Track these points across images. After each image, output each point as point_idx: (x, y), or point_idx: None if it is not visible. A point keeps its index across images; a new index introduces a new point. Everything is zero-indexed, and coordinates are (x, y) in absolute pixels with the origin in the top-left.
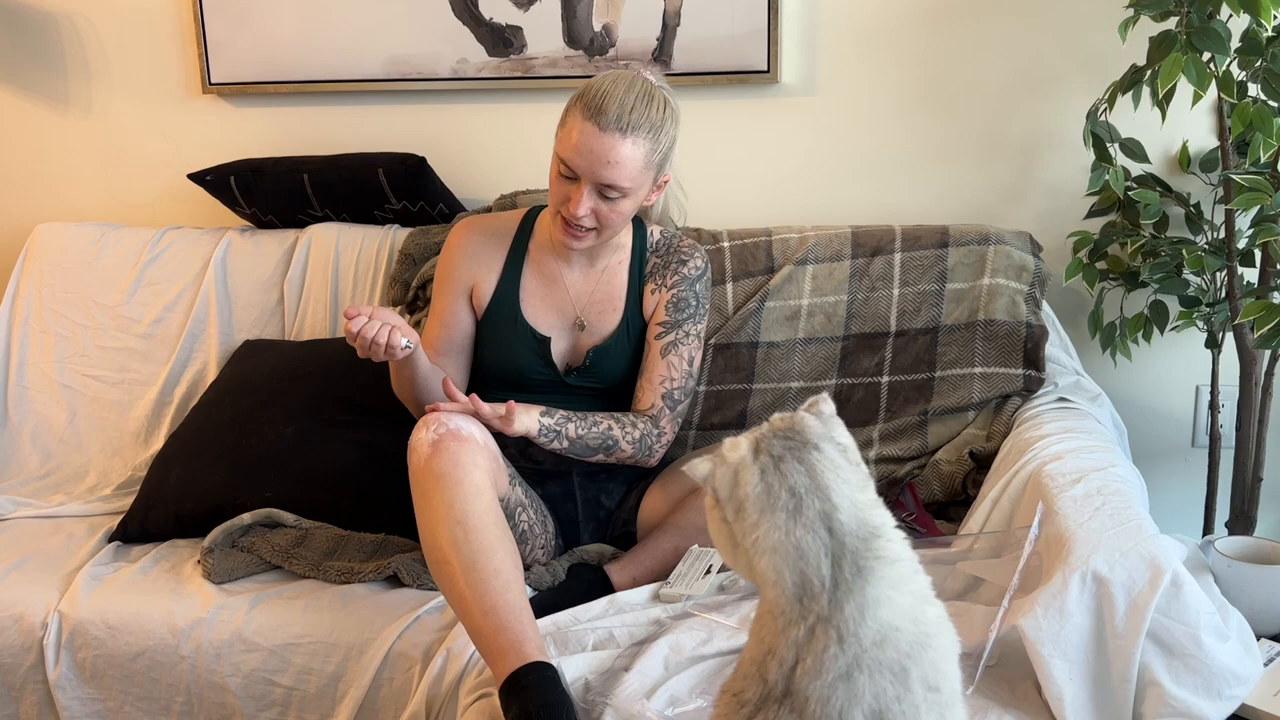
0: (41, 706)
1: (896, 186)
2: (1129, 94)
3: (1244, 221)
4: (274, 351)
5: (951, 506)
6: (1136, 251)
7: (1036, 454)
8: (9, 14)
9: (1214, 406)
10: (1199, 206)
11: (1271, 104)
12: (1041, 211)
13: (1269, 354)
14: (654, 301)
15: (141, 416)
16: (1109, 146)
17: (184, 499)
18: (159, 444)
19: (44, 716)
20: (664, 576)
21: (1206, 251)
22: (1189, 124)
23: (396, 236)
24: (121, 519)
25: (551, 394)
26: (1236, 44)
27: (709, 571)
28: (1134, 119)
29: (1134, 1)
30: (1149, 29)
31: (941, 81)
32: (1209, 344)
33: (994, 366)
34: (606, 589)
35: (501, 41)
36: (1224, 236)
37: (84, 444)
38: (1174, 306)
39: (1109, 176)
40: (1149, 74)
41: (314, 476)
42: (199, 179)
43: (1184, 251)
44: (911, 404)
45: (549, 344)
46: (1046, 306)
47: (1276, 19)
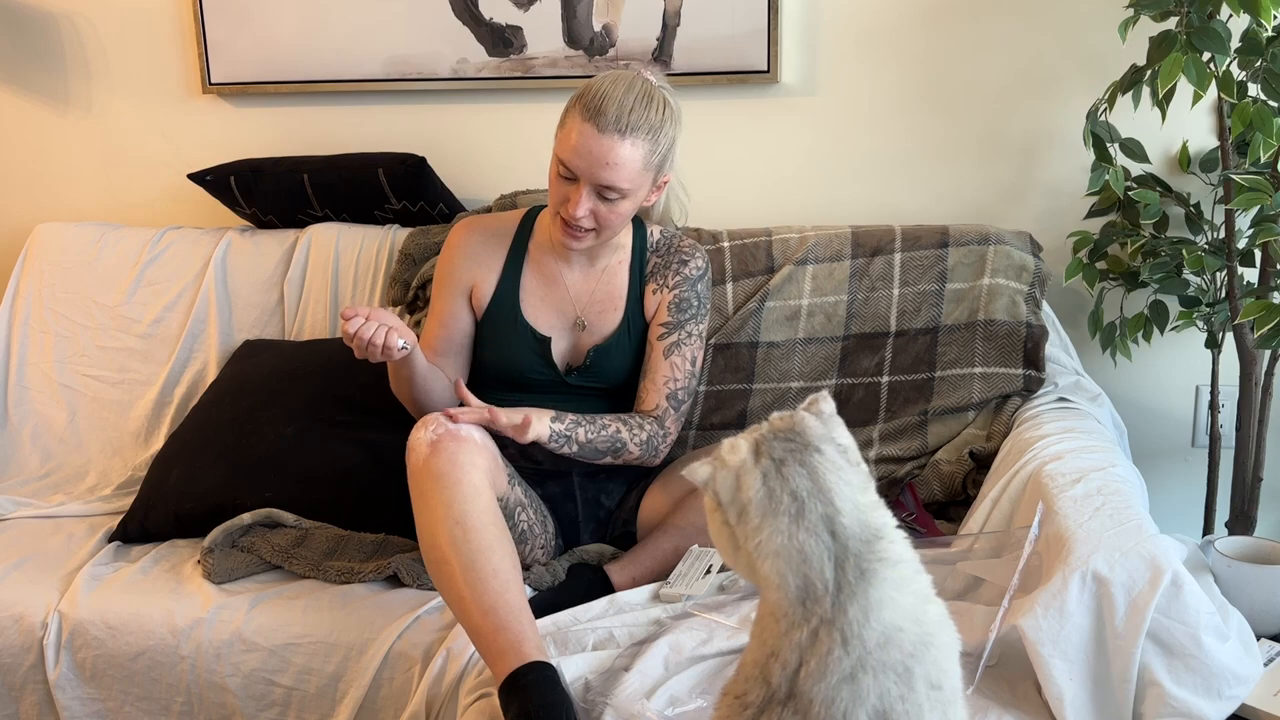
0: (41, 706)
1: (896, 186)
2: (1129, 94)
3: (1244, 221)
4: (274, 351)
5: (951, 506)
6: (1136, 251)
7: (1036, 454)
8: (9, 14)
9: (1214, 406)
10: (1199, 206)
11: (1271, 104)
12: (1041, 211)
13: (1269, 354)
14: (656, 302)
15: (141, 416)
16: (1109, 146)
17: (184, 499)
18: (159, 444)
19: (44, 716)
20: (664, 576)
21: (1206, 251)
22: (1189, 124)
23: (396, 236)
24: (121, 519)
25: (552, 394)
26: (1236, 44)
27: (709, 571)
28: (1134, 119)
29: (1134, 1)
30: (1149, 29)
31: (941, 81)
32: (1209, 344)
33: (994, 366)
34: (606, 589)
35: (501, 41)
36: (1224, 236)
37: (84, 444)
38: (1174, 306)
39: (1109, 176)
40: (1149, 74)
41: (314, 476)
42: (199, 179)
43: (1184, 251)
44: (911, 404)
45: (549, 344)
46: (1046, 306)
47: (1276, 19)
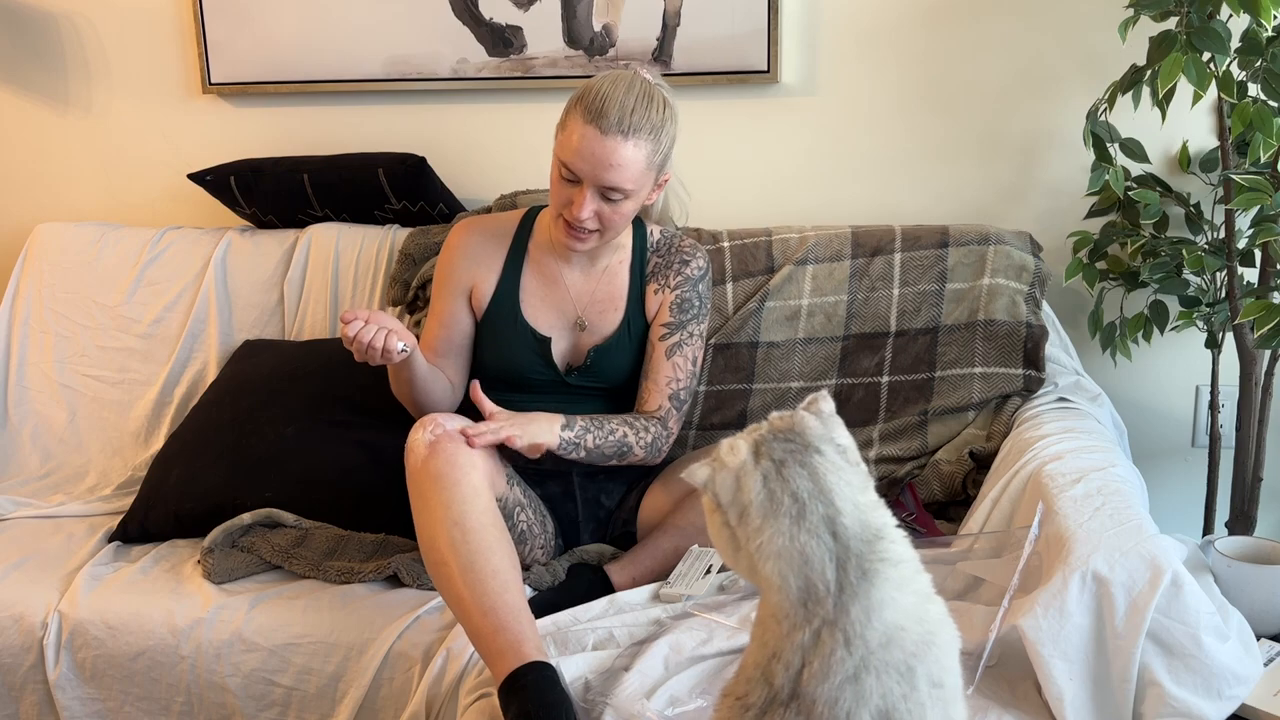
0: (41, 706)
1: (896, 186)
2: (1129, 94)
3: (1244, 221)
4: (274, 351)
5: (951, 506)
6: (1136, 251)
7: (1036, 454)
8: (9, 14)
9: (1214, 406)
10: (1199, 206)
11: (1271, 104)
12: (1041, 211)
13: (1269, 354)
14: (657, 302)
15: (141, 416)
16: (1109, 146)
17: (184, 499)
18: (159, 444)
19: (44, 716)
20: (664, 576)
21: (1206, 251)
22: (1189, 124)
23: (396, 236)
24: (121, 519)
25: (552, 394)
26: (1236, 44)
27: (709, 571)
28: (1134, 119)
29: (1134, 1)
30: (1149, 29)
31: (941, 81)
32: (1209, 344)
33: (994, 366)
34: (606, 589)
35: (501, 41)
36: (1224, 236)
37: (84, 444)
38: (1174, 306)
39: (1109, 176)
40: (1149, 74)
41: (314, 476)
42: (199, 179)
43: (1184, 251)
44: (911, 404)
45: (549, 344)
46: (1046, 306)
47: (1276, 19)
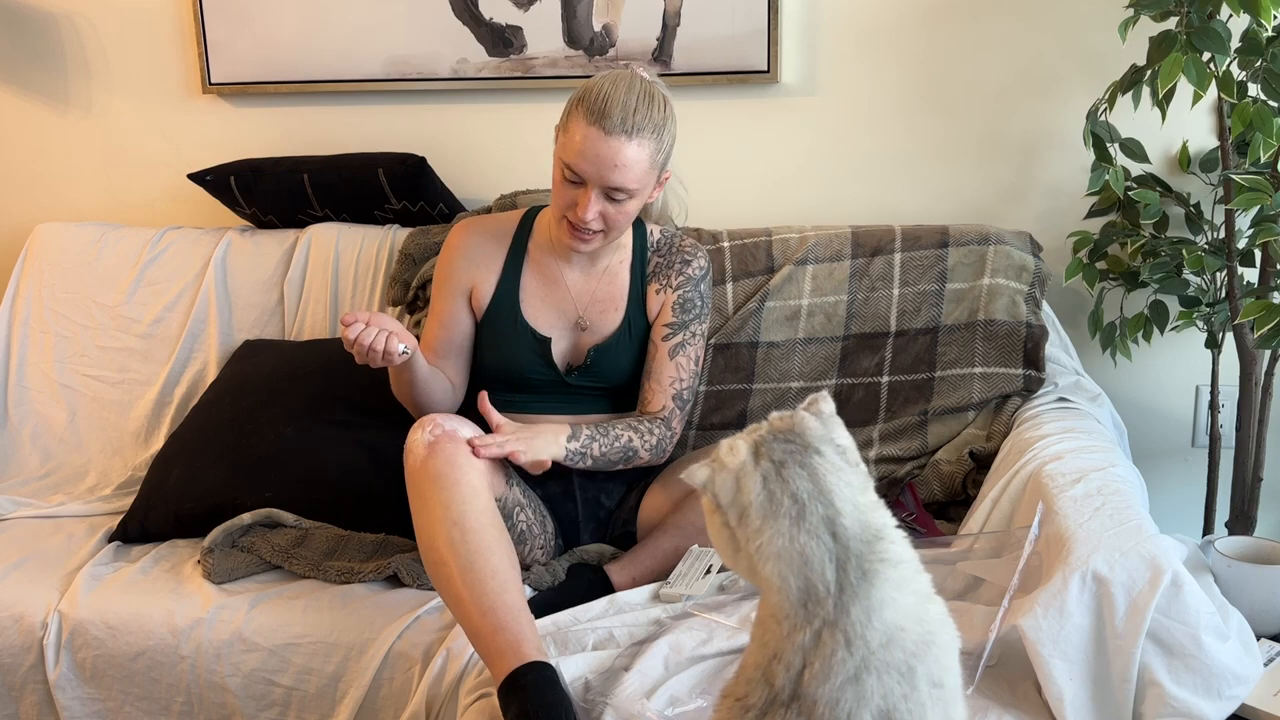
0: (41, 706)
1: (896, 186)
2: (1129, 94)
3: (1244, 221)
4: (274, 351)
5: (951, 506)
6: (1136, 251)
7: (1036, 454)
8: (9, 14)
9: (1214, 406)
10: (1199, 206)
11: (1271, 104)
12: (1041, 211)
13: (1269, 354)
14: (659, 302)
15: (141, 416)
16: (1109, 146)
17: (184, 499)
18: (159, 444)
19: (44, 716)
20: (664, 576)
21: (1206, 251)
22: (1189, 124)
23: (396, 236)
24: (121, 519)
25: (553, 394)
26: (1236, 44)
27: (709, 571)
28: (1134, 119)
29: (1134, 1)
30: (1149, 29)
31: (941, 81)
32: (1209, 344)
33: (994, 366)
34: (606, 589)
35: (501, 41)
36: (1224, 236)
37: (84, 444)
38: (1174, 306)
39: (1109, 176)
40: (1149, 74)
41: (314, 476)
42: (199, 179)
43: (1184, 251)
44: (911, 404)
45: (549, 344)
46: (1046, 306)
47: (1276, 19)
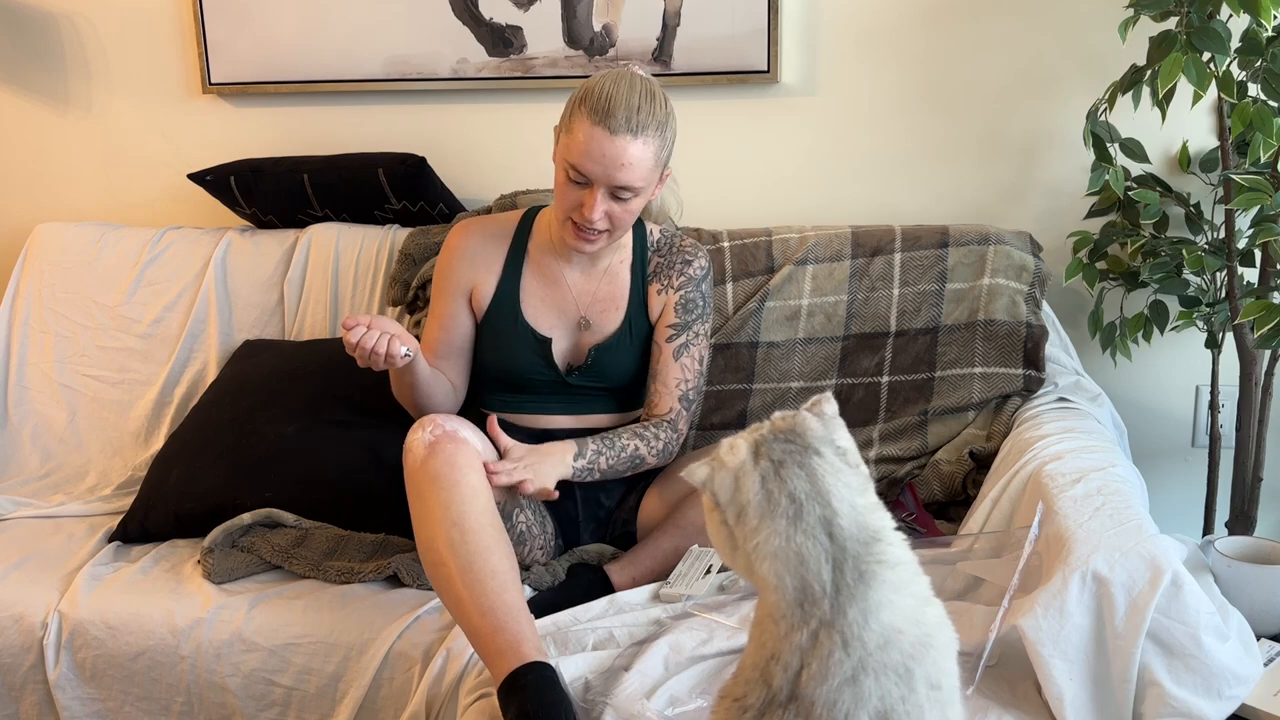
0: (41, 706)
1: (896, 186)
2: (1129, 94)
3: (1244, 221)
4: (274, 351)
5: (951, 506)
6: (1136, 251)
7: (1036, 454)
8: (9, 14)
9: (1214, 406)
10: (1199, 206)
11: (1271, 104)
12: (1041, 211)
13: (1269, 354)
14: (661, 302)
15: (141, 416)
16: (1109, 146)
17: (184, 499)
18: (159, 444)
19: (44, 716)
20: (664, 576)
21: (1206, 251)
22: (1189, 124)
23: (396, 236)
24: (121, 519)
25: (553, 394)
26: (1236, 44)
27: (709, 571)
28: (1134, 119)
29: (1134, 1)
30: (1149, 29)
31: (941, 81)
32: (1209, 344)
33: (994, 366)
34: (606, 589)
35: (501, 41)
36: (1224, 236)
37: (84, 444)
38: (1174, 306)
39: (1109, 176)
40: (1149, 74)
41: (314, 476)
42: (199, 179)
43: (1184, 251)
44: (911, 404)
45: (550, 344)
46: (1046, 306)
47: (1276, 19)
